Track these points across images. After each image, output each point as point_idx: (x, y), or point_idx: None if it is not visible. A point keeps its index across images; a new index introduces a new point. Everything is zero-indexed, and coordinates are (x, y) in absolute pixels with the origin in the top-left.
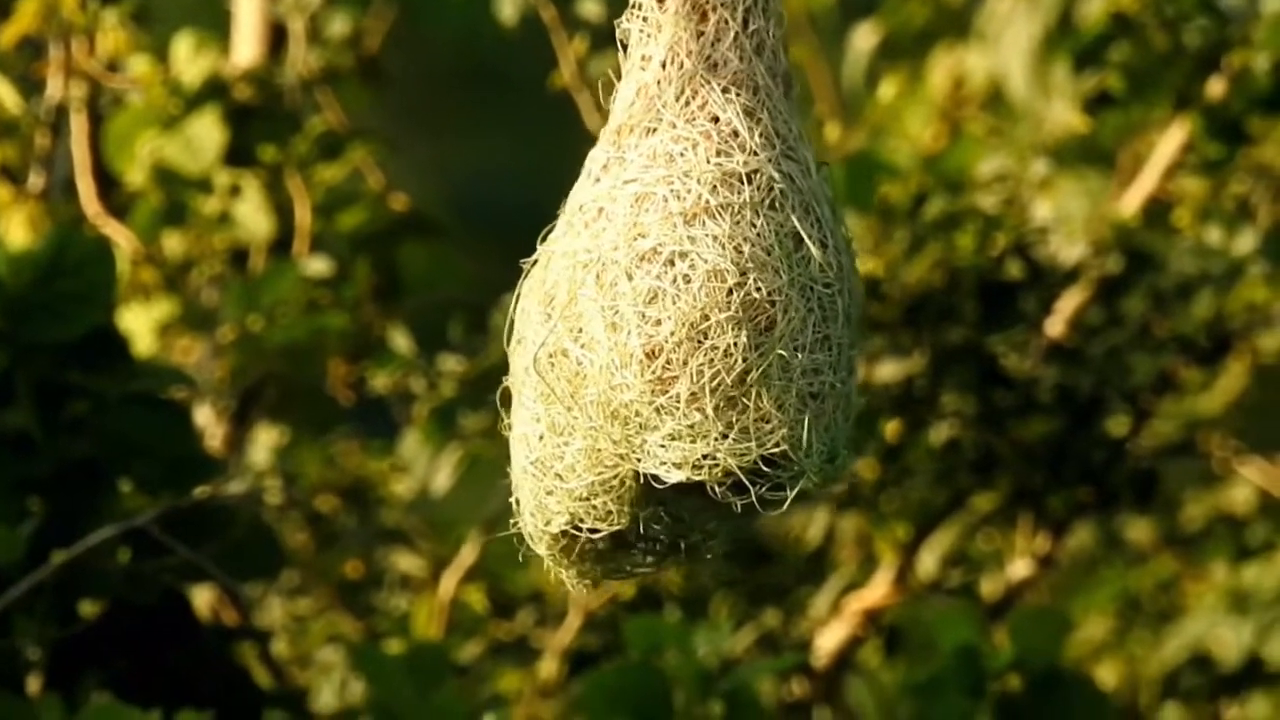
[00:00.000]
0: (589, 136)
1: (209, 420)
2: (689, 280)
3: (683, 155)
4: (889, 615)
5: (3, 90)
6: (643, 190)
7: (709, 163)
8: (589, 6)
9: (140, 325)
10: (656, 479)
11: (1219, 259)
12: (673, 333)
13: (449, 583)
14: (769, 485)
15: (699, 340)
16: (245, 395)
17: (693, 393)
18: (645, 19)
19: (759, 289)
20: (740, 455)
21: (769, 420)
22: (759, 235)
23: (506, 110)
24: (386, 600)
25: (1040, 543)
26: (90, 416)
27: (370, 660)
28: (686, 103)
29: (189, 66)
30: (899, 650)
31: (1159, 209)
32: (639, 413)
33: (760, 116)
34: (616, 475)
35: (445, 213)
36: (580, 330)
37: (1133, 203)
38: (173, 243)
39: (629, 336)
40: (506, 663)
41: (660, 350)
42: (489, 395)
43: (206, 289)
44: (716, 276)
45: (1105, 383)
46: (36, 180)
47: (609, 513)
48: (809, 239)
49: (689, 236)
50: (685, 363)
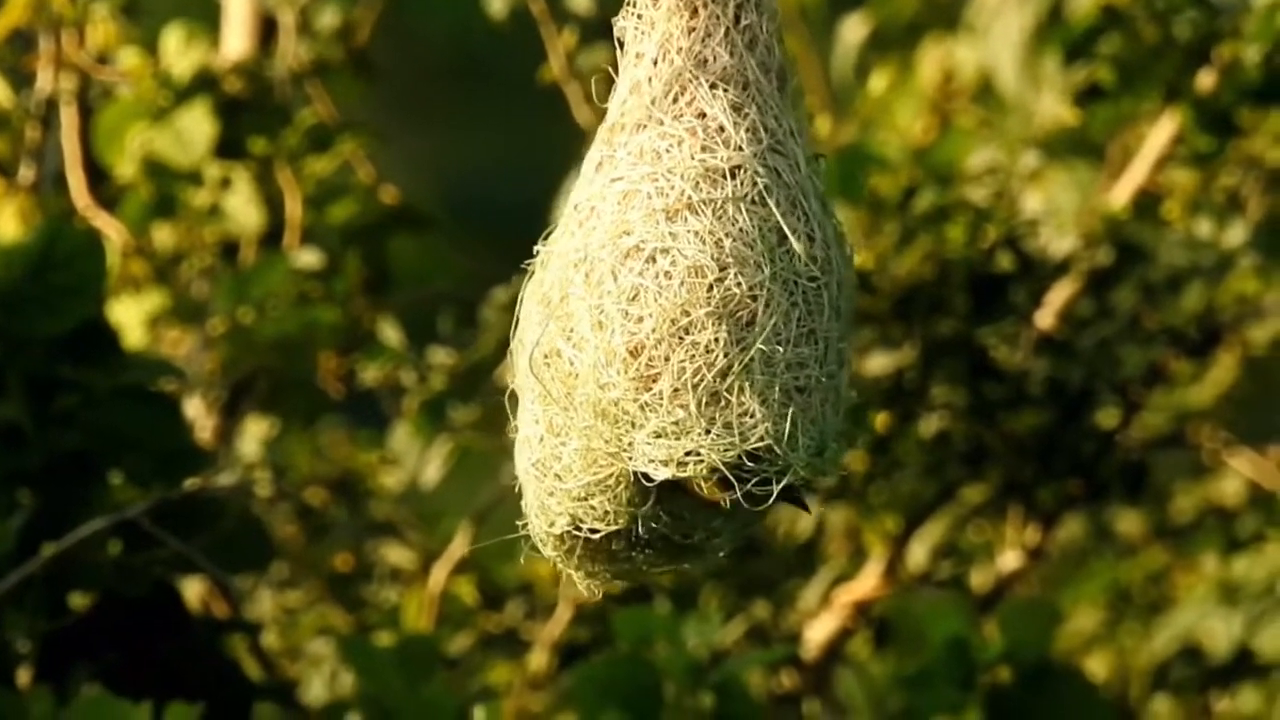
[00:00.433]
0: (578, 130)
1: (199, 412)
2: (670, 277)
3: (668, 152)
4: (879, 607)
5: None
6: (629, 187)
7: (692, 159)
8: (578, 0)
9: (130, 318)
10: (647, 477)
11: (1209, 251)
12: (654, 330)
13: (439, 575)
14: (756, 480)
15: (680, 336)
16: (235, 387)
17: (675, 389)
18: (640, 16)
19: (739, 284)
20: (724, 451)
21: (752, 415)
22: (741, 230)
23: (496, 103)
24: (376, 593)
25: (1030, 535)
26: (80, 409)
27: (360, 652)
28: (675, 99)
29: (179, 59)
30: (889, 642)
31: (1149, 201)
32: (626, 411)
33: (748, 111)
34: (611, 474)
35: (435, 205)
36: (572, 330)
37: (1123, 195)
38: (163, 235)
39: (613, 335)
40: (496, 655)
41: (643, 348)
42: (478, 388)
43: (197, 281)
44: (697, 272)
45: (1095, 375)
46: (27, 173)
47: (607, 513)
48: (792, 233)
49: (670, 233)
50: (667, 359)
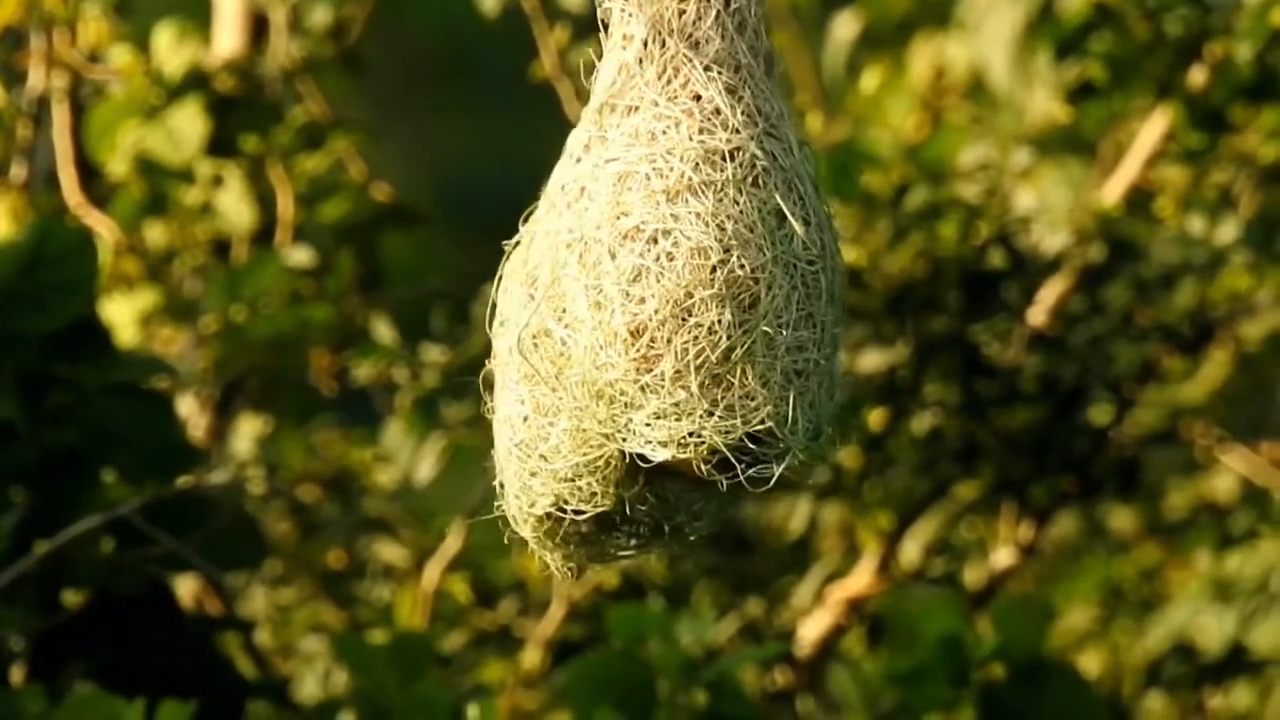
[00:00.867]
0: (570, 125)
1: (192, 410)
2: (672, 258)
3: (665, 133)
4: (872, 604)
5: None
6: (625, 169)
7: (691, 140)
8: None
9: (123, 316)
10: (643, 458)
11: (1201, 248)
12: (657, 310)
13: (432, 573)
14: (755, 463)
15: (683, 318)
16: (228, 385)
17: (677, 370)
18: None
19: (742, 266)
20: (725, 433)
21: (754, 397)
22: (742, 212)
23: (488, 100)
24: (369, 590)
25: (1023, 531)
26: (73, 407)
27: (353, 650)
28: (669, 81)
29: (171, 57)
30: (882, 639)
31: (1141, 198)
32: (624, 391)
33: (742, 94)
34: (602, 455)
35: (427, 202)
36: (564, 310)
37: (1115, 192)
38: (155, 233)
39: (613, 315)
40: (490, 652)
41: (645, 328)
42: (472, 384)
43: (189, 279)
44: (700, 254)
45: (1088, 372)
46: (18, 171)
47: (594, 494)
48: (792, 216)
49: (672, 214)
50: (670, 340)
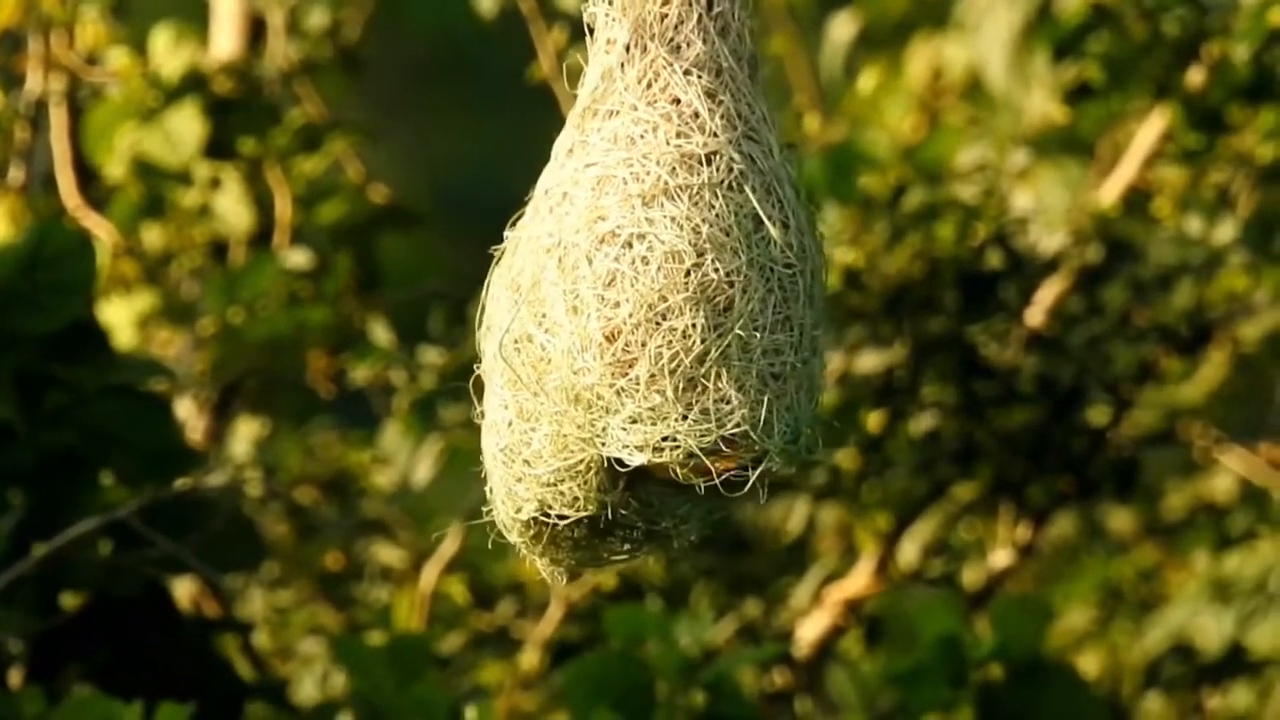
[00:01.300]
0: None
1: (189, 412)
2: (647, 262)
3: (643, 138)
4: (870, 605)
5: None
6: (603, 173)
7: (668, 145)
8: None
9: (121, 318)
10: (620, 463)
11: (1199, 248)
12: (631, 314)
13: (430, 574)
14: (734, 467)
15: (657, 322)
16: (226, 387)
17: (652, 374)
18: (610, 2)
19: (716, 269)
20: (701, 436)
21: (729, 401)
22: (717, 216)
23: (486, 101)
24: (367, 592)
25: (1021, 532)
26: (71, 408)
27: (351, 652)
28: (649, 85)
29: (168, 59)
30: (880, 640)
31: (1139, 199)
32: (600, 396)
33: (722, 98)
34: (582, 460)
35: (424, 203)
36: (544, 315)
37: (1112, 192)
38: (153, 235)
39: (589, 320)
40: (488, 654)
41: (619, 333)
42: (469, 387)
43: (187, 281)
44: (674, 258)
45: (1086, 372)
46: (16, 174)
47: (576, 499)
48: (769, 220)
49: (647, 218)
50: (644, 344)
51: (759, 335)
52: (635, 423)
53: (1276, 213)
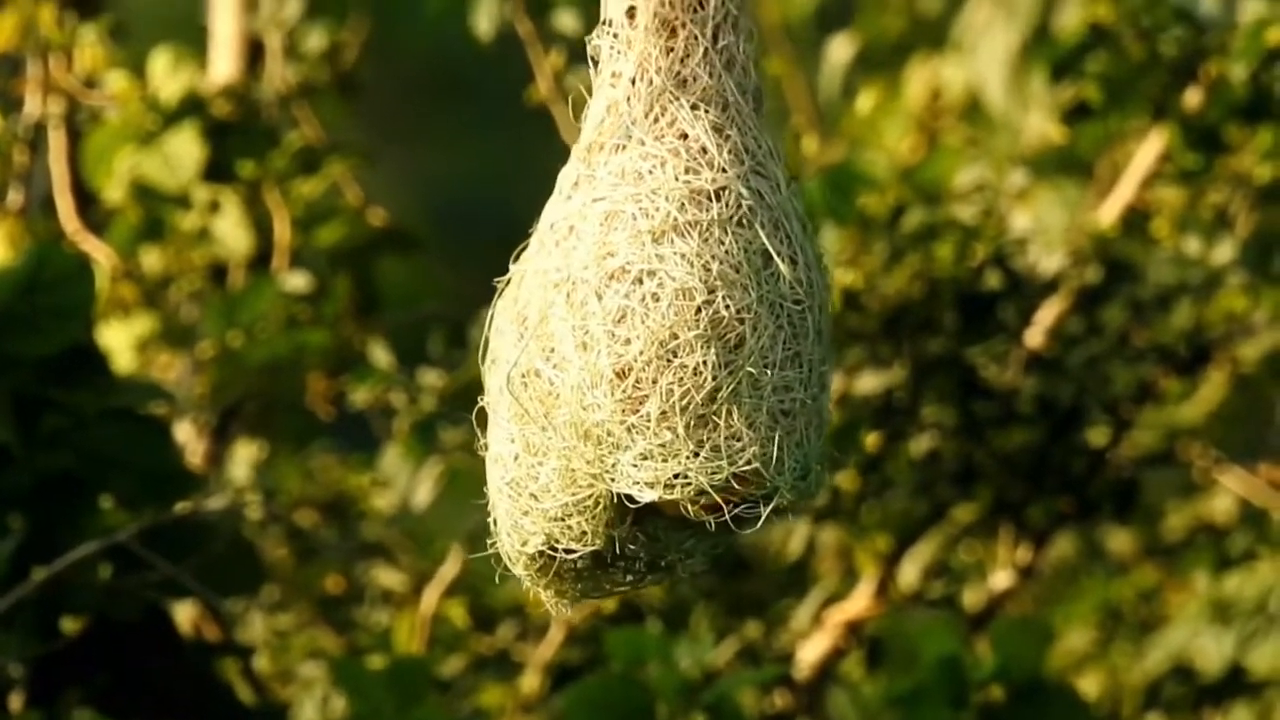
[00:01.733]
0: (565, 149)
1: (189, 436)
2: (657, 299)
3: (651, 173)
4: (871, 627)
5: None
6: (611, 208)
7: (677, 180)
8: (565, 20)
9: (120, 341)
10: (630, 499)
11: (1198, 268)
12: (642, 351)
13: (430, 597)
14: (742, 503)
15: (668, 359)
16: (225, 411)
17: (663, 411)
18: (616, 35)
19: (727, 306)
20: (712, 474)
21: (740, 438)
22: (727, 252)
23: (483, 123)
24: (368, 615)
25: (1021, 553)
26: (70, 432)
27: (352, 675)
28: (656, 119)
29: (167, 82)
30: (881, 662)
31: (1137, 219)
32: (611, 432)
33: (729, 133)
34: (591, 496)
35: (423, 225)
36: (552, 350)
37: (1111, 213)
38: (152, 259)
39: (599, 356)
40: (488, 677)
41: (630, 369)
42: (468, 409)
43: (186, 305)
44: (685, 295)
45: (1085, 393)
46: (15, 197)
47: (584, 533)
48: (778, 256)
49: (657, 255)
50: (655, 381)
51: (769, 372)
52: (646, 459)
53: (1275, 233)
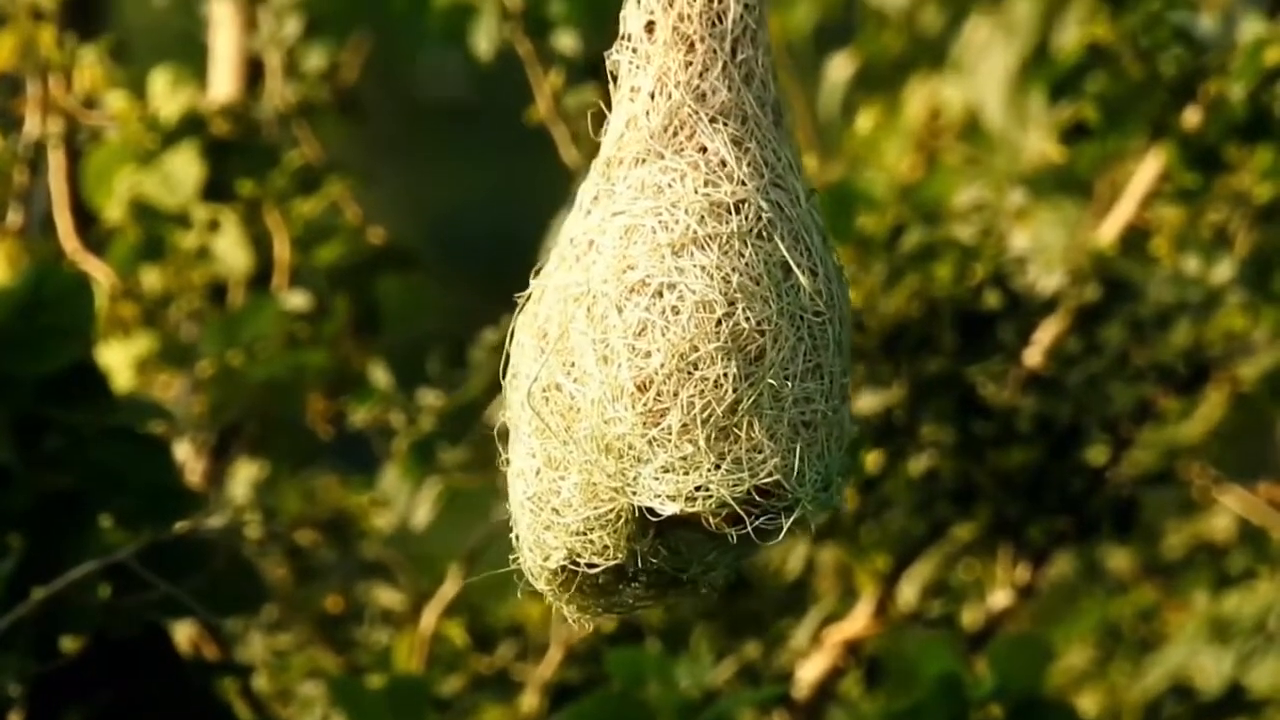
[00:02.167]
0: (565, 169)
1: (188, 455)
2: (678, 312)
3: (670, 186)
4: (870, 646)
5: None
6: (631, 222)
7: (696, 193)
8: (564, 41)
9: (119, 360)
10: (652, 512)
11: (1197, 287)
12: (663, 364)
13: (430, 617)
14: (764, 515)
15: (689, 371)
16: (224, 430)
17: (684, 424)
18: (634, 50)
19: (748, 319)
20: (733, 486)
21: (761, 450)
22: (747, 265)
23: (482, 142)
24: (367, 635)
25: (1020, 572)
26: (69, 451)
27: (351, 695)
28: (675, 133)
29: (166, 102)
30: (880, 681)
31: (1136, 238)
32: (632, 446)
33: (748, 146)
34: (613, 510)
35: (422, 245)
36: (573, 364)
37: (1110, 232)
38: (151, 278)
39: (620, 369)
40: (488, 697)
41: (651, 382)
42: (468, 429)
43: (185, 324)
44: (705, 307)
45: (1084, 412)
46: (15, 217)
47: (606, 547)
48: (798, 268)
49: (677, 267)
50: (676, 394)
51: (790, 384)
52: (667, 472)
53: (1274, 252)
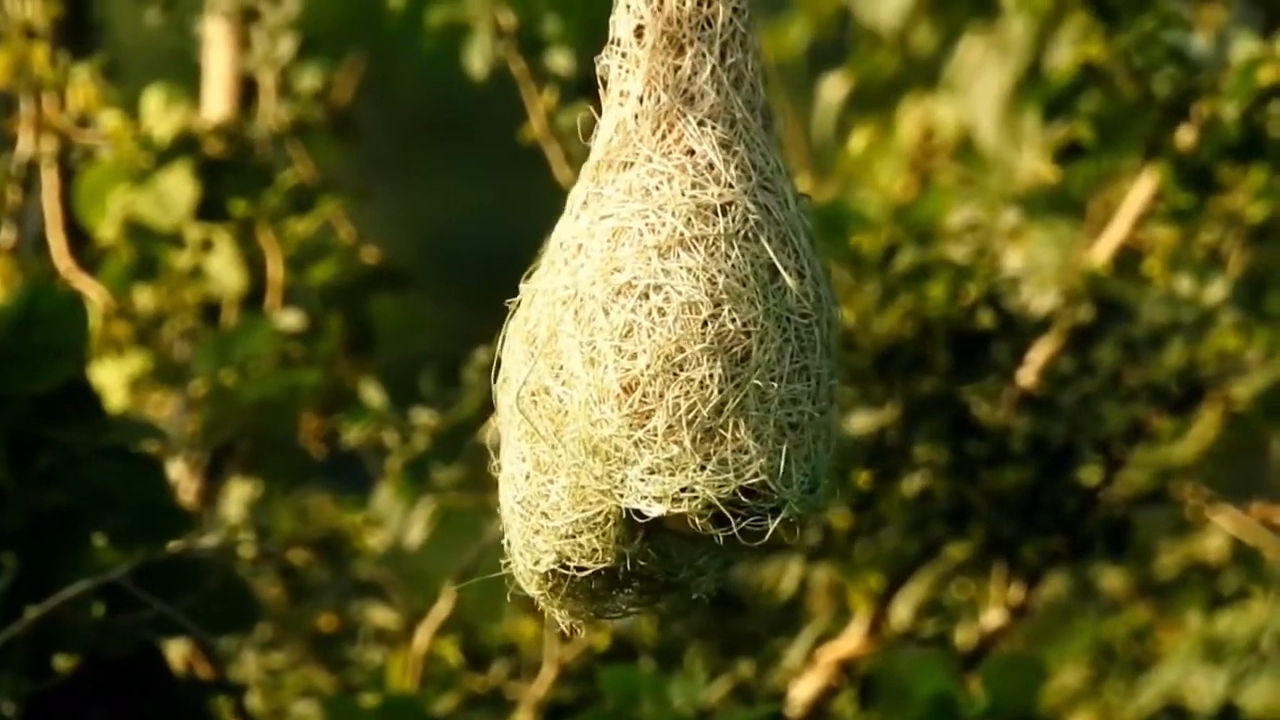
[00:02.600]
0: (559, 188)
1: (182, 474)
2: (664, 313)
3: (658, 189)
4: (863, 665)
5: None
6: (619, 225)
7: (684, 196)
8: (558, 59)
9: (112, 380)
10: (639, 514)
11: (1190, 308)
12: (649, 366)
13: (423, 636)
14: (750, 517)
15: (675, 373)
16: (218, 449)
17: (670, 425)
18: (624, 54)
19: (734, 320)
20: (719, 487)
21: (747, 451)
22: (734, 267)
23: (476, 161)
24: (361, 653)
25: (1014, 592)
26: (63, 470)
27: (345, 713)
28: (663, 137)
29: (160, 121)
30: (873, 700)
31: (1130, 258)
32: (618, 447)
33: (737, 149)
34: (601, 512)
35: (416, 264)
36: (561, 367)
37: (1103, 252)
38: (144, 297)
39: (606, 371)
40: (481, 715)
41: (637, 384)
42: (461, 448)
43: (178, 343)
44: (691, 309)
45: (1077, 432)
46: (8, 236)
47: (595, 550)
48: (784, 270)
49: (663, 269)
50: (662, 395)
51: (776, 385)
52: (653, 474)
53: (1267, 272)
